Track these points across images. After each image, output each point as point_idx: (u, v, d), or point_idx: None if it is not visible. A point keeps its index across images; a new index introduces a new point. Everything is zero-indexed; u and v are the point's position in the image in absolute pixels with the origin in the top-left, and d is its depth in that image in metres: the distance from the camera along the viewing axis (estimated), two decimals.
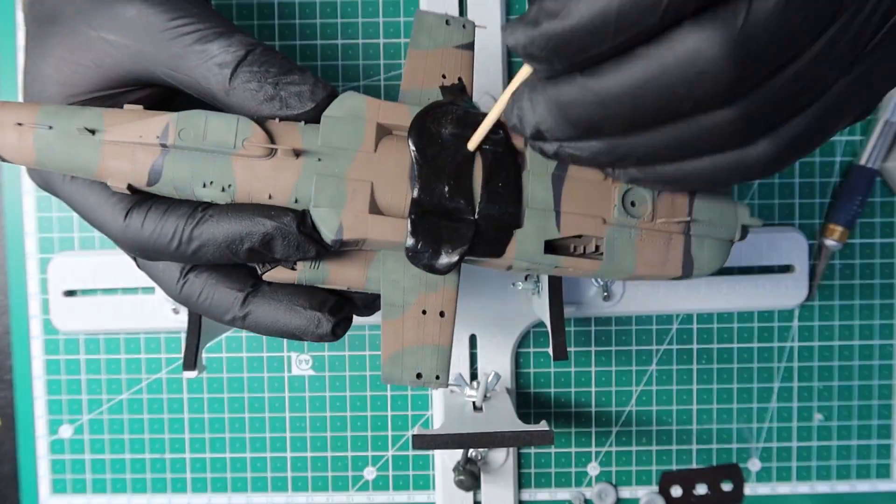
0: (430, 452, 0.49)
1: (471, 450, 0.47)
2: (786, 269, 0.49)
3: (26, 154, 0.29)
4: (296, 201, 0.29)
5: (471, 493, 0.48)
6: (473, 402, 0.45)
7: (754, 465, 0.50)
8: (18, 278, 0.49)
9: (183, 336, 0.47)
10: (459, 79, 0.33)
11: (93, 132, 0.28)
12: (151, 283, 0.47)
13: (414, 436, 0.37)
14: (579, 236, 0.31)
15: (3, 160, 0.29)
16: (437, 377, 0.30)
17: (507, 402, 0.44)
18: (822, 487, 0.50)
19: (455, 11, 0.47)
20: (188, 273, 0.32)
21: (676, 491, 0.50)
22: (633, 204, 0.31)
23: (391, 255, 0.31)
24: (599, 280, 0.47)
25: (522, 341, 0.49)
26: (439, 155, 0.30)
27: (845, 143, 0.49)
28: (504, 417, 0.41)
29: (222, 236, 0.29)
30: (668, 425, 0.50)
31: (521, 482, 0.50)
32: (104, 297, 0.48)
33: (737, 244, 0.33)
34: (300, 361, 0.49)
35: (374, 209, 0.29)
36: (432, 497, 0.50)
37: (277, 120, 0.30)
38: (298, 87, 0.30)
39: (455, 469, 0.45)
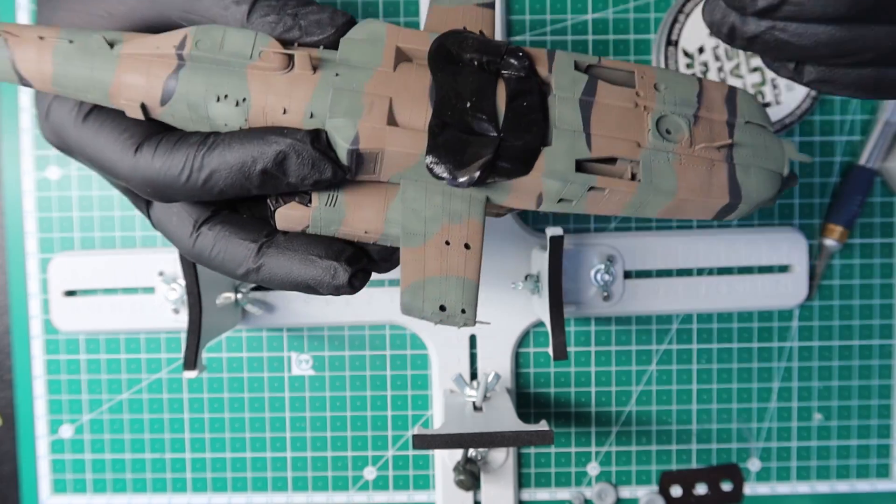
0: (430, 452, 0.49)
1: (471, 450, 0.47)
2: (786, 269, 0.49)
3: (44, 69, 0.28)
4: (311, 116, 0.28)
5: (471, 493, 0.48)
6: (473, 402, 0.45)
7: (754, 464, 0.50)
8: (18, 278, 0.49)
9: (183, 336, 0.47)
10: (481, 32, 0.31)
11: (111, 45, 0.28)
12: (151, 283, 0.47)
13: (414, 436, 0.37)
14: (613, 160, 0.30)
15: (21, 79, 0.29)
16: (464, 311, 0.28)
17: (507, 402, 0.44)
18: (822, 487, 0.50)
19: None
20: (201, 226, 0.31)
21: (676, 491, 0.50)
22: (668, 131, 0.30)
23: (411, 184, 0.29)
24: (600, 279, 0.47)
25: (522, 341, 0.49)
26: (460, 74, 0.29)
27: (845, 143, 0.49)
28: (504, 417, 0.41)
29: (234, 159, 0.28)
30: (668, 425, 0.50)
31: (521, 482, 0.50)
32: (104, 297, 0.48)
33: (737, 242, 0.33)
34: (300, 361, 0.49)
35: (393, 122, 0.28)
36: (432, 497, 0.50)
37: (296, 45, 0.29)
38: (318, 16, 0.29)
39: (455, 469, 0.45)
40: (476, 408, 0.44)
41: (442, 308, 0.28)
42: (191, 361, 0.39)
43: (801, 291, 0.48)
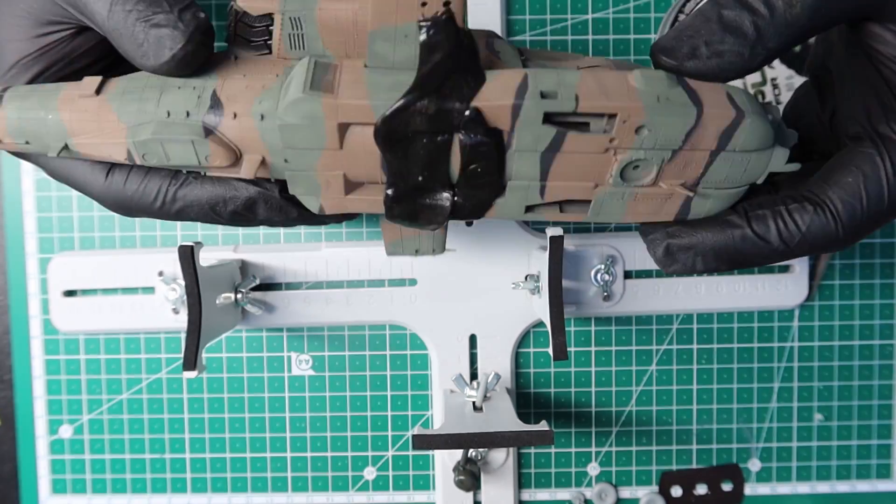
0: (430, 452, 0.49)
1: (471, 450, 0.47)
2: (786, 269, 0.49)
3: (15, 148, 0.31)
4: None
5: (471, 493, 0.48)
6: (473, 402, 0.45)
7: (754, 465, 0.50)
8: (18, 278, 0.49)
9: (183, 336, 0.47)
10: (446, 4, 0.25)
11: (66, 147, 0.30)
12: (151, 283, 0.47)
13: (414, 436, 0.37)
14: (566, 201, 0.30)
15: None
16: (434, 250, 0.34)
17: (507, 402, 0.44)
18: (823, 487, 0.50)
19: None
20: (113, 168, 0.32)
21: (676, 491, 0.50)
22: (635, 167, 0.29)
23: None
24: (600, 279, 0.47)
25: (522, 341, 0.49)
26: (410, 148, 0.28)
27: None
28: (504, 417, 0.41)
29: (206, 198, 0.30)
30: (668, 425, 0.50)
31: (521, 482, 0.50)
32: (104, 297, 0.48)
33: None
34: (300, 361, 0.49)
35: (352, 188, 0.30)
36: (432, 497, 0.50)
37: (233, 116, 0.28)
38: (159, 31, 0.28)
39: (455, 469, 0.45)
40: (476, 408, 0.44)
41: (417, 251, 0.35)
42: (190, 361, 0.39)
43: (801, 291, 0.48)
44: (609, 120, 0.27)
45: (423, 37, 0.25)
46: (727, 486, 0.50)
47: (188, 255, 0.39)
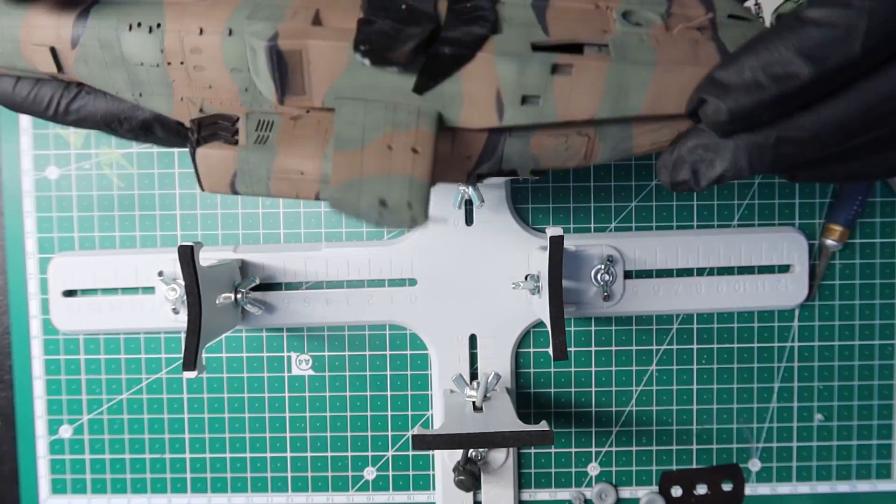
0: (430, 452, 0.49)
1: (471, 450, 0.46)
2: (786, 269, 0.49)
3: None
4: (230, 34, 0.26)
5: (471, 493, 0.48)
6: (473, 402, 0.45)
7: (754, 465, 0.50)
8: (18, 278, 0.49)
9: (183, 336, 0.47)
10: None
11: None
12: (151, 283, 0.47)
13: (414, 436, 0.37)
14: (578, 47, 0.25)
15: None
16: (410, 205, 0.24)
17: (507, 402, 0.44)
18: (823, 488, 0.50)
19: None
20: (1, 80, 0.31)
21: (676, 491, 0.50)
22: (637, 24, 0.26)
23: (348, 103, 0.25)
24: (600, 279, 0.47)
25: (522, 341, 0.49)
26: None
27: None
28: (504, 417, 0.41)
29: (101, 115, 0.30)
30: (668, 425, 0.50)
31: (521, 482, 0.50)
32: (104, 297, 0.48)
33: (737, 242, 0.32)
34: (300, 361, 0.49)
35: (318, 23, 0.25)
36: (432, 497, 0.50)
37: None
38: None
39: (455, 469, 0.45)
40: (476, 408, 0.44)
41: (383, 203, 0.24)
42: (190, 362, 0.39)
43: (801, 291, 0.48)
44: None
45: None
46: (727, 486, 0.50)
47: (188, 255, 0.39)
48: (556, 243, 0.38)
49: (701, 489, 0.50)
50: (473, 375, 0.49)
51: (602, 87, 0.25)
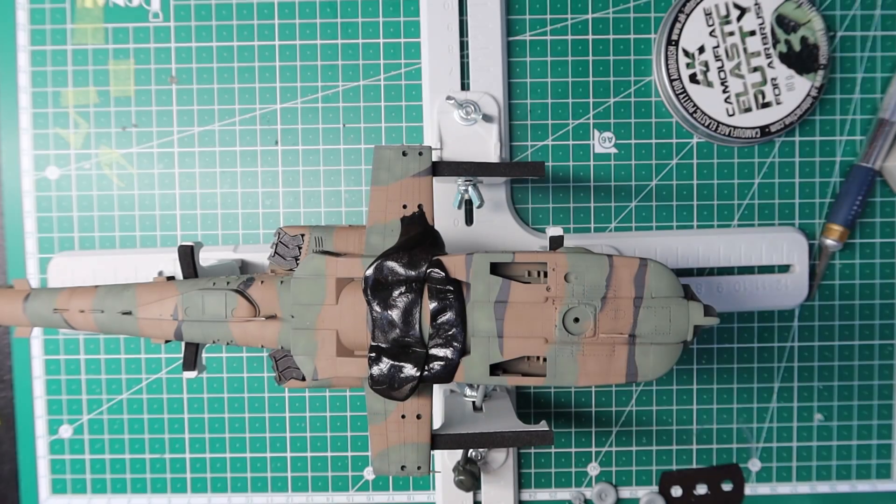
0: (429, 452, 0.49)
1: (471, 450, 0.47)
2: (786, 269, 0.49)
3: (90, 328, 0.39)
4: (281, 348, 0.37)
5: (471, 493, 0.48)
6: (473, 402, 0.45)
7: (754, 465, 0.50)
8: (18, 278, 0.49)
9: None
10: (420, 206, 0.37)
11: (129, 313, 0.38)
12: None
13: None
14: (523, 357, 0.35)
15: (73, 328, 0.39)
16: (419, 468, 0.36)
17: (507, 402, 0.44)
18: (823, 487, 0.50)
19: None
20: None
21: (676, 491, 0.50)
22: (575, 320, 0.34)
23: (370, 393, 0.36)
24: None
25: None
26: (390, 297, 0.35)
27: (845, 142, 0.49)
28: (504, 417, 0.41)
29: None
30: (668, 425, 0.50)
31: (521, 482, 0.50)
32: None
33: (737, 242, 0.33)
34: None
35: (342, 352, 0.36)
36: (432, 497, 0.50)
37: (261, 282, 0.37)
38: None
39: (455, 469, 0.45)
40: (476, 408, 0.44)
41: (403, 468, 0.37)
42: (190, 362, 0.39)
43: (801, 291, 0.48)
44: (544, 277, 0.35)
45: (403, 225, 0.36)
46: (727, 486, 0.50)
47: (188, 255, 0.39)
48: (555, 243, 0.38)
49: (701, 489, 0.50)
50: None
51: (537, 385, 0.37)
